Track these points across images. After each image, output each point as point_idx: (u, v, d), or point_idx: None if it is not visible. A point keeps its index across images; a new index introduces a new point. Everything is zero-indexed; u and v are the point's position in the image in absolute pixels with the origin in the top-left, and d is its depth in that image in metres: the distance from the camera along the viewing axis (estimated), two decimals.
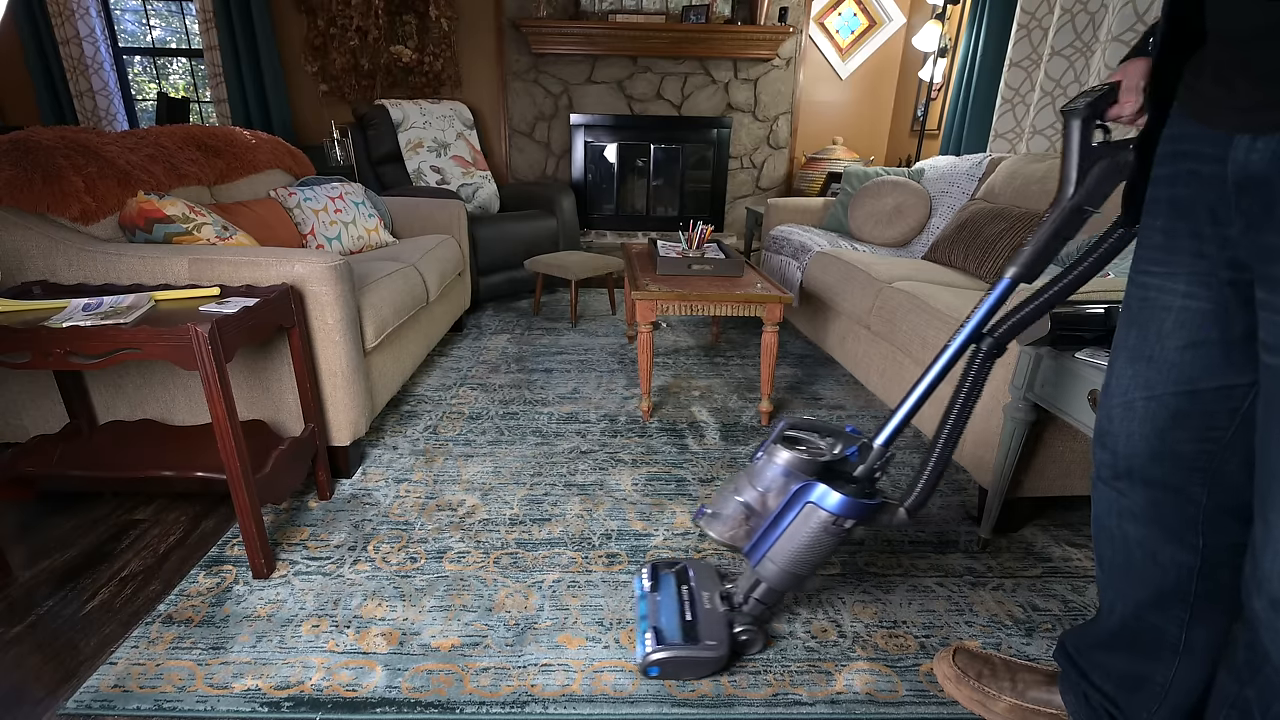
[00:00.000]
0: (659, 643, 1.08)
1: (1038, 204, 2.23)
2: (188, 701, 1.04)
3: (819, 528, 0.99)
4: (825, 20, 4.10)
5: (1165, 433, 0.77)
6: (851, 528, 1.00)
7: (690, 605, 1.16)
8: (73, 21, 3.80)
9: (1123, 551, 0.86)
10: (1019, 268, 0.92)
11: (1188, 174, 0.72)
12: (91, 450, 1.44)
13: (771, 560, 1.04)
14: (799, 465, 1.03)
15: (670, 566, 1.27)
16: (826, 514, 0.98)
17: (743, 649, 1.15)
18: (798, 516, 1.00)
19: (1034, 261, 0.92)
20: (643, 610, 1.17)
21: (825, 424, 1.12)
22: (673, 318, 3.27)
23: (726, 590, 1.19)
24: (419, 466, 1.78)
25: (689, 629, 1.11)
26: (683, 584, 1.22)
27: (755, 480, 1.07)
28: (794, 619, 1.25)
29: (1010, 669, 1.06)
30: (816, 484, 0.98)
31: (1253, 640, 0.68)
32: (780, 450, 1.04)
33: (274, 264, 1.49)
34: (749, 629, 1.12)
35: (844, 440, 1.09)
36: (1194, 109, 0.72)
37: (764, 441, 1.09)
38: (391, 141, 3.55)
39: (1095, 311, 1.23)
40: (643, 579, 1.24)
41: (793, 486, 1.01)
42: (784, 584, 1.07)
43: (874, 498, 1.00)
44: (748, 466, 1.10)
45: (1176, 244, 0.74)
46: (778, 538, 1.02)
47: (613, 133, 4.22)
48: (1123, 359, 0.81)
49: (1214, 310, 0.72)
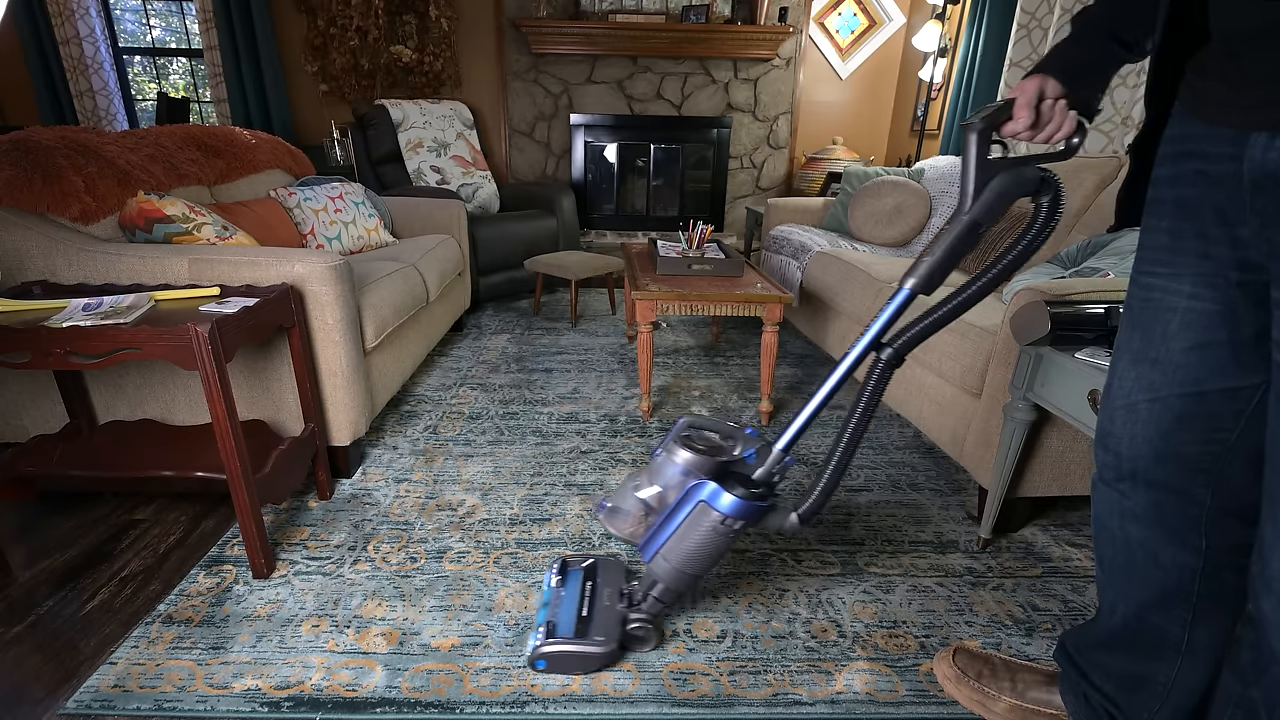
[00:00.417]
0: (549, 637, 1.09)
1: None
2: (188, 701, 1.04)
3: (709, 527, 1.00)
4: (825, 20, 4.10)
5: (1169, 434, 0.77)
6: (741, 529, 1.01)
7: (589, 601, 1.17)
8: (73, 21, 3.80)
9: (1124, 552, 0.85)
10: (917, 280, 0.92)
11: (1194, 174, 0.71)
12: (91, 450, 1.44)
13: (664, 558, 1.06)
14: (696, 464, 1.03)
15: (580, 563, 1.28)
16: (717, 514, 0.99)
17: (633, 645, 1.15)
18: (690, 515, 1.01)
19: (931, 274, 0.91)
20: (544, 605, 1.18)
21: (726, 425, 1.13)
22: (673, 318, 3.27)
23: (628, 588, 1.20)
24: (419, 466, 1.78)
25: (582, 624, 1.12)
26: (589, 580, 1.23)
27: (655, 477, 1.08)
28: (794, 619, 1.25)
29: (1010, 669, 1.06)
30: (709, 483, 0.99)
31: (1259, 640, 0.68)
32: (679, 449, 1.05)
33: (274, 264, 1.49)
34: (642, 625, 1.13)
35: (744, 442, 1.10)
36: (1200, 108, 0.71)
37: (665, 438, 1.09)
38: (391, 141, 3.55)
39: (1095, 311, 1.23)
40: (551, 575, 1.25)
41: (688, 485, 1.02)
42: (676, 581, 1.09)
43: (766, 500, 1.01)
44: (649, 463, 1.10)
45: (1182, 245, 0.73)
46: (670, 535, 1.04)
47: (613, 133, 4.22)
48: (1126, 361, 0.80)
49: (1220, 311, 0.71)
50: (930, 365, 1.71)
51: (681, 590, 1.11)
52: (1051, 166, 0.88)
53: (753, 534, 1.50)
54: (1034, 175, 0.86)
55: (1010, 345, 1.40)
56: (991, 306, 1.72)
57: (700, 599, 1.29)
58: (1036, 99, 0.82)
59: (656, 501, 1.07)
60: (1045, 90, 0.82)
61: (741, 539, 1.48)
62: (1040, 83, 0.82)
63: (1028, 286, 1.32)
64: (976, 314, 1.61)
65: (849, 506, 1.63)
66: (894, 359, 0.95)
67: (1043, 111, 0.83)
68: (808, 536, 1.50)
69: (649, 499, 1.08)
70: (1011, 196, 0.86)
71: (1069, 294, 1.27)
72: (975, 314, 1.61)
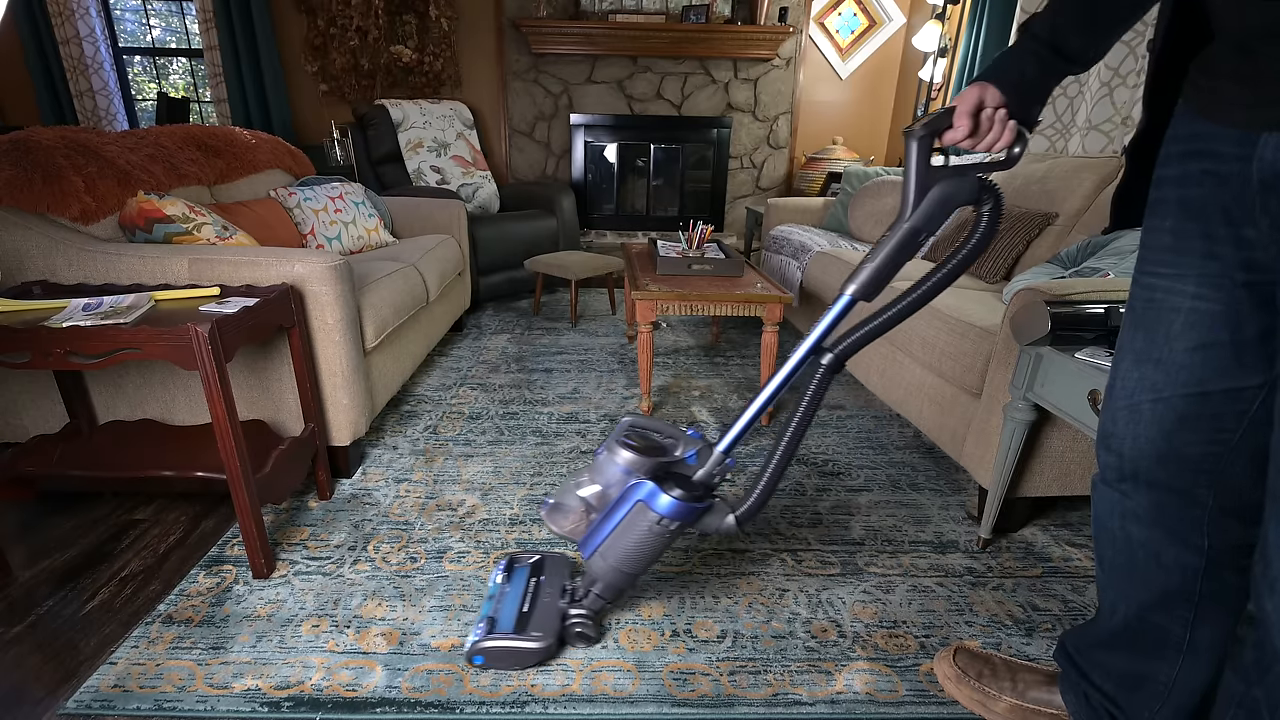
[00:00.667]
0: (489, 632, 1.10)
1: (1037, 204, 2.23)
2: (188, 701, 1.04)
3: (647, 527, 1.01)
4: (825, 20, 4.10)
5: (1172, 435, 0.77)
6: (679, 529, 1.02)
7: (532, 597, 1.18)
8: (73, 21, 3.80)
9: (1125, 553, 0.85)
10: (858, 287, 0.92)
11: (1199, 174, 0.71)
12: (91, 450, 1.44)
13: (602, 555, 1.07)
14: (637, 465, 1.04)
15: (527, 560, 1.28)
16: (655, 514, 1.00)
17: (573, 640, 1.15)
18: (628, 514, 1.02)
19: (872, 282, 0.92)
20: (488, 601, 1.19)
21: (668, 426, 1.14)
22: (673, 318, 3.27)
23: (570, 584, 1.20)
24: (419, 466, 1.78)
25: (522, 620, 1.13)
26: (534, 577, 1.23)
27: (596, 476, 1.09)
28: (794, 619, 1.25)
29: (1010, 669, 1.06)
30: (647, 483, 1.00)
31: (1262, 640, 0.68)
32: (620, 449, 1.06)
33: (274, 264, 1.49)
34: (581, 620, 1.13)
35: (685, 443, 1.11)
36: (1206, 108, 0.70)
37: (607, 438, 1.10)
38: (391, 141, 3.55)
39: (1095, 311, 1.23)
40: (498, 572, 1.25)
41: (627, 485, 1.03)
42: (614, 579, 1.10)
43: (704, 501, 1.02)
44: (591, 461, 1.11)
45: (1186, 245, 0.73)
46: (609, 533, 1.04)
47: (613, 133, 4.22)
48: (1128, 361, 0.80)
49: (1225, 312, 0.71)
50: (930, 365, 1.71)
51: (621, 587, 1.13)
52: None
53: (752, 533, 1.50)
54: (975, 183, 0.87)
55: (1010, 345, 1.40)
56: (992, 306, 1.72)
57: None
58: (976, 108, 0.83)
59: (597, 500, 1.08)
60: (985, 99, 0.83)
61: (742, 540, 1.48)
62: (980, 92, 0.82)
63: (1028, 286, 1.32)
64: (977, 314, 1.61)
65: (849, 506, 1.63)
66: (834, 364, 0.96)
67: (982, 120, 0.83)
68: (807, 536, 1.50)
69: (589, 497, 1.09)
70: (953, 204, 0.87)
71: (1069, 294, 1.27)
72: (975, 314, 1.61)
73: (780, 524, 1.55)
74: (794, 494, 1.68)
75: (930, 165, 0.86)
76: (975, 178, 0.87)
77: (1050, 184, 2.22)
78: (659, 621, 1.23)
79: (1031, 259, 2.13)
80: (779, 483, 1.08)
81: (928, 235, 0.89)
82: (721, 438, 1.05)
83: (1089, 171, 2.09)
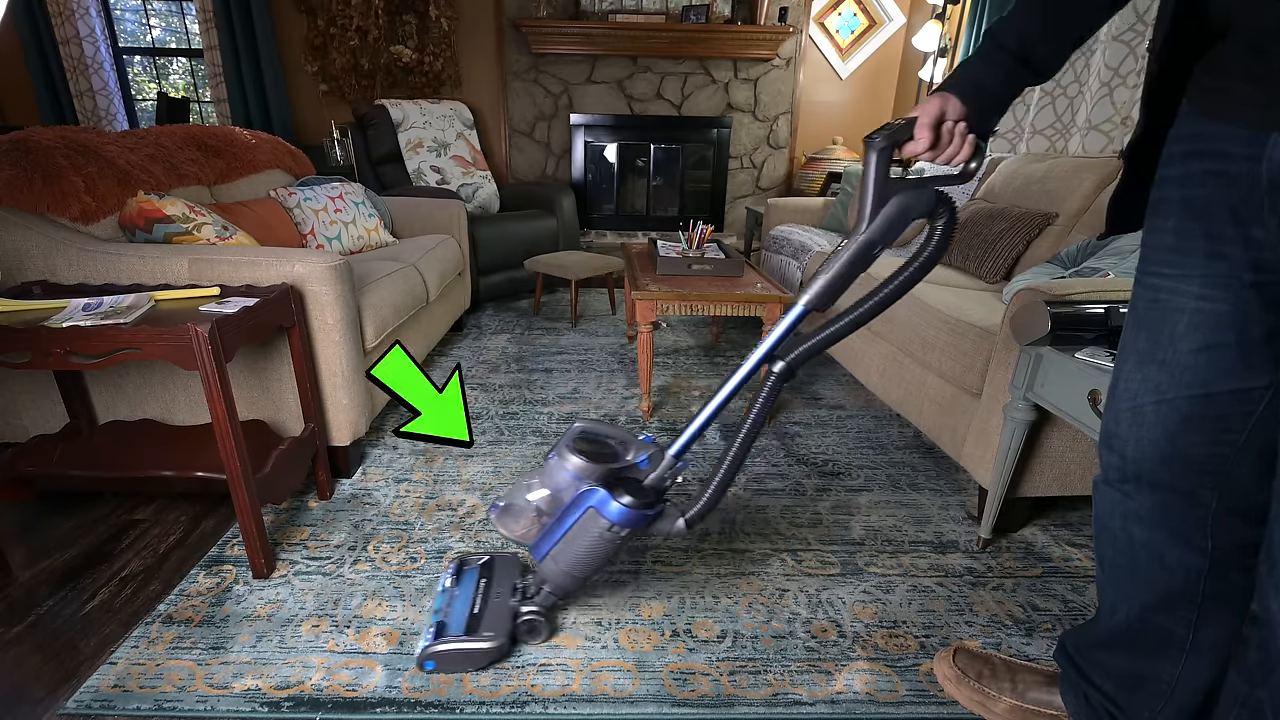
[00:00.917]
0: (437, 637, 1.09)
1: (1037, 204, 2.23)
2: (188, 701, 1.04)
3: (598, 534, 1.02)
4: (825, 20, 4.10)
5: (1176, 436, 0.76)
6: (630, 535, 1.03)
7: (482, 598, 1.17)
8: (73, 21, 3.80)
9: (1126, 553, 0.85)
10: (811, 297, 0.93)
11: (1204, 174, 0.70)
12: (91, 450, 1.44)
13: (554, 560, 1.07)
14: (587, 471, 1.04)
15: (477, 561, 1.28)
16: (606, 521, 1.00)
17: (525, 638, 1.15)
18: (579, 521, 1.02)
19: (825, 293, 0.92)
20: (437, 606, 1.18)
21: (619, 431, 1.14)
22: (673, 318, 3.27)
23: (522, 582, 1.20)
24: (419, 466, 1.78)
25: (473, 621, 1.12)
26: (484, 578, 1.23)
27: (546, 481, 1.09)
28: (794, 619, 1.25)
29: (1010, 669, 1.06)
30: (599, 490, 1.00)
31: (1267, 640, 0.68)
32: (570, 455, 1.06)
33: (274, 264, 1.49)
34: (533, 617, 1.14)
35: (638, 448, 1.11)
36: (1213, 108, 0.70)
37: (557, 442, 1.10)
38: (391, 141, 3.55)
39: (1095, 311, 1.23)
40: (447, 576, 1.24)
41: (578, 491, 1.03)
42: (565, 582, 1.10)
43: (654, 507, 1.02)
44: (541, 465, 1.11)
45: (1189, 245, 0.73)
46: (560, 539, 1.05)
47: (613, 133, 4.22)
48: (1131, 362, 0.80)
49: (1231, 312, 0.70)
50: (930, 365, 1.71)
51: (573, 588, 1.13)
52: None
53: (752, 533, 1.50)
54: (932, 196, 0.87)
55: (1010, 345, 1.40)
56: (992, 306, 1.72)
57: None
58: (938, 120, 0.82)
59: (547, 505, 1.08)
60: (946, 111, 0.82)
61: (741, 539, 1.48)
62: (942, 103, 0.82)
63: (1028, 286, 1.32)
64: (977, 314, 1.61)
65: (849, 506, 1.63)
66: (785, 372, 0.97)
67: (943, 134, 0.83)
68: (807, 536, 1.50)
69: (539, 502, 1.09)
70: (910, 217, 0.87)
71: (1069, 294, 1.27)
72: (975, 314, 1.61)
73: (780, 524, 1.55)
74: (794, 494, 1.68)
75: (889, 177, 0.86)
76: (932, 190, 0.87)
77: (1050, 184, 2.22)
78: (659, 621, 1.23)
79: (1031, 259, 2.13)
80: (729, 486, 1.09)
81: (883, 247, 0.89)
82: (674, 441, 1.05)
83: (1089, 171, 2.09)
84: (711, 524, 1.54)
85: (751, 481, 1.74)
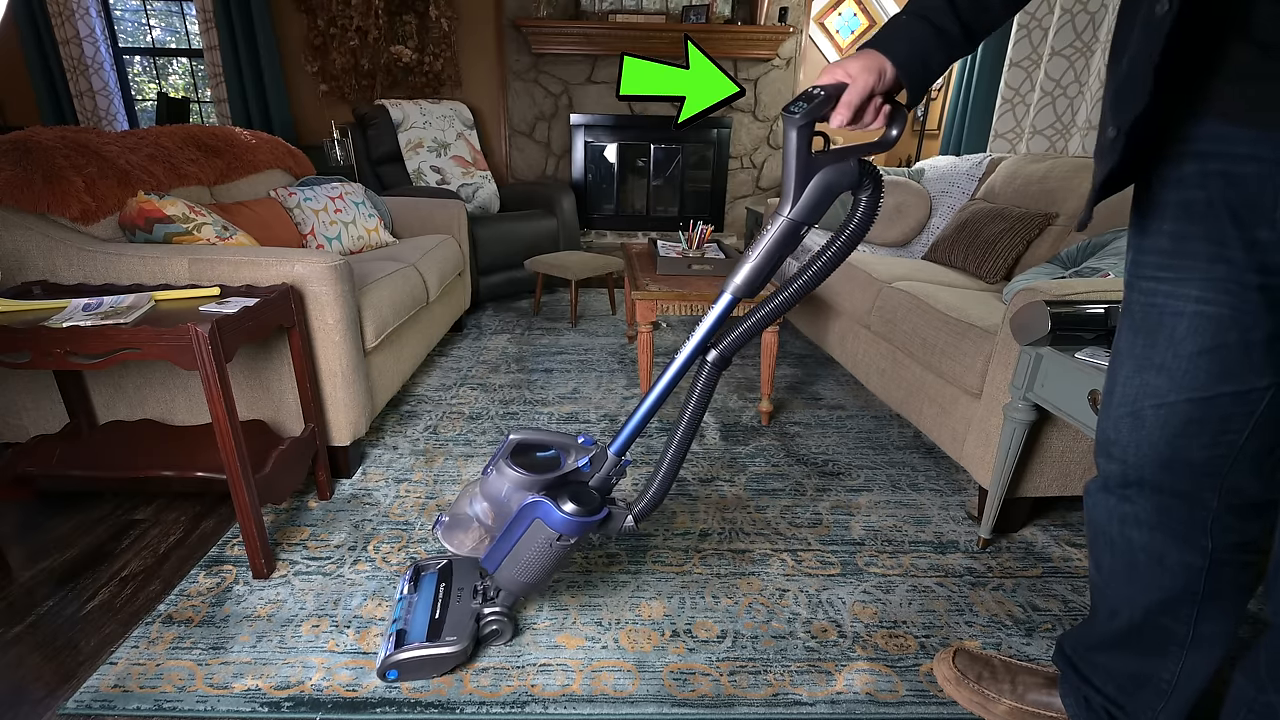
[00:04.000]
0: (398, 645, 1.07)
1: (1038, 204, 2.23)
2: (188, 701, 1.04)
3: (545, 543, 1.01)
4: (825, 20, 4.10)
5: (1177, 440, 0.76)
6: (578, 541, 1.02)
7: (443, 603, 1.16)
8: (73, 21, 3.80)
9: (1125, 557, 0.85)
10: (739, 284, 0.92)
11: (1203, 175, 0.70)
12: (91, 450, 1.44)
13: (506, 569, 1.06)
14: (526, 485, 1.03)
15: (435, 566, 1.26)
16: (551, 531, 0.99)
17: (488, 639, 1.15)
18: (527, 533, 1.01)
19: (751, 280, 0.91)
20: (396, 614, 1.15)
21: (557, 436, 1.12)
22: (673, 318, 3.27)
23: (482, 584, 1.19)
24: (419, 466, 1.78)
25: (435, 627, 1.11)
26: (443, 582, 1.21)
27: (487, 495, 1.07)
28: (794, 619, 1.25)
29: (1010, 671, 1.06)
30: (543, 502, 0.99)
31: (1276, 645, 0.68)
32: (507, 469, 1.04)
33: (274, 264, 1.49)
34: (496, 618, 1.13)
35: (578, 452, 1.09)
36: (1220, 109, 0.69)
37: (494, 454, 1.08)
38: (391, 141, 3.55)
39: (1095, 312, 1.22)
40: (405, 582, 1.23)
41: (522, 502, 1.02)
42: (523, 591, 1.10)
43: (599, 511, 1.01)
44: (481, 479, 1.09)
45: (1186, 248, 0.72)
46: (510, 550, 1.03)
47: (613, 133, 4.23)
48: (1129, 367, 0.79)
49: (1233, 315, 0.70)
50: (930, 365, 1.71)
51: (534, 594, 1.13)
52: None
53: (752, 534, 1.50)
54: (856, 167, 0.85)
55: (1010, 345, 1.40)
56: (992, 306, 1.72)
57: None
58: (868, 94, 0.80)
59: (492, 519, 1.07)
60: (877, 86, 0.80)
61: (741, 539, 1.48)
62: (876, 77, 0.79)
63: (1028, 287, 1.32)
64: (977, 314, 1.61)
65: (849, 506, 1.63)
66: (720, 361, 0.97)
67: (868, 110, 0.81)
68: (807, 537, 1.50)
69: (483, 516, 1.08)
70: (835, 192, 0.85)
71: (1069, 294, 1.27)
72: (975, 314, 1.61)
73: (780, 524, 1.55)
74: (794, 494, 1.68)
75: (810, 153, 0.83)
76: (856, 161, 0.85)
77: (1050, 184, 2.22)
78: (659, 621, 1.23)
79: (1031, 259, 2.13)
80: (674, 480, 1.08)
81: (809, 227, 0.87)
82: (614, 440, 1.05)
83: (1089, 171, 2.08)
84: (711, 524, 1.54)
85: (751, 481, 1.74)
